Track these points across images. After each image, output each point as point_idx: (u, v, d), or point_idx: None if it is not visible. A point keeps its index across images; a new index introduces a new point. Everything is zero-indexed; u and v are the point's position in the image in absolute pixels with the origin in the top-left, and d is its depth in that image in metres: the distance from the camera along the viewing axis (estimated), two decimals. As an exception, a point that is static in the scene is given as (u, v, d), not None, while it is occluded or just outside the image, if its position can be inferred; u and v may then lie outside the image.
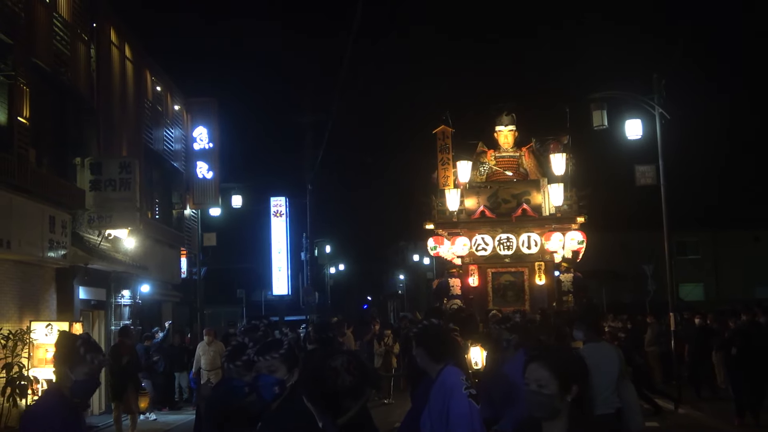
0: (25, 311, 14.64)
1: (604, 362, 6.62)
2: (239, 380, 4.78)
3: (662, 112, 17.73)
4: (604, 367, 6.58)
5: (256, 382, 4.13)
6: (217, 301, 38.24)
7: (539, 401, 3.17)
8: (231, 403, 4.64)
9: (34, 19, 14.82)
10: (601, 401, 6.57)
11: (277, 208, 46.11)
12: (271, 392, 4.04)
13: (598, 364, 6.47)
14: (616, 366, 6.76)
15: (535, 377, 3.19)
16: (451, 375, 4.78)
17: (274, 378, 4.07)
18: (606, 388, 6.61)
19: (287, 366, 4.11)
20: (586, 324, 7.14)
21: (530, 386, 3.19)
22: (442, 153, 19.51)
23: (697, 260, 45.06)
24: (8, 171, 13.45)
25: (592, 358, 6.83)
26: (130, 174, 17.54)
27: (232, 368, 4.94)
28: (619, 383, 6.74)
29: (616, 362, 6.78)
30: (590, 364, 6.74)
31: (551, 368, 3.19)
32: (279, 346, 4.15)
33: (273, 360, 4.09)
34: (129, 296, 20.08)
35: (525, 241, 18.31)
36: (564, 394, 3.17)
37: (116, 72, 19.50)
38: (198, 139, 27.04)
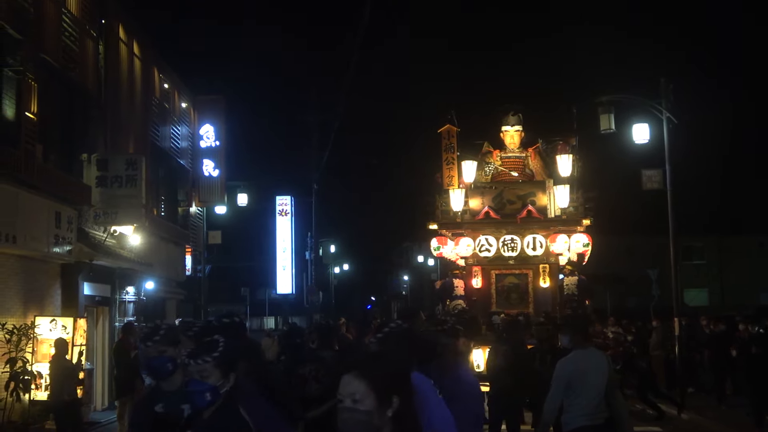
0: (29, 306, 14.66)
1: (592, 369, 6.44)
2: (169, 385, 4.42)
3: (669, 117, 17.70)
4: (592, 375, 6.41)
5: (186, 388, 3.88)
6: (221, 299, 38.28)
7: (355, 419, 2.65)
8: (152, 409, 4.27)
9: (43, 15, 14.85)
10: (590, 411, 6.36)
11: (282, 207, 46.16)
12: (202, 400, 3.77)
13: (585, 371, 6.42)
14: (605, 373, 6.50)
15: (349, 391, 2.69)
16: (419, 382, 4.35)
17: (206, 384, 3.79)
18: (594, 396, 6.38)
19: (222, 371, 3.83)
20: (572, 329, 6.86)
21: (344, 402, 2.68)
22: (447, 152, 19.17)
23: (702, 265, 44.98)
24: (15, 166, 13.47)
25: (580, 365, 6.53)
26: (136, 171, 17.56)
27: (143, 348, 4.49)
28: (608, 391, 6.47)
29: (604, 369, 6.52)
30: (577, 372, 6.50)
31: (367, 379, 2.70)
32: (213, 349, 3.86)
33: (205, 364, 3.80)
34: (133, 293, 20.11)
35: (530, 242, 18.07)
36: (384, 408, 2.68)
37: (124, 69, 19.53)
38: (204, 136, 27.09)
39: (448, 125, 19.27)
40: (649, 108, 18.03)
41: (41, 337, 13.89)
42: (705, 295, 44.66)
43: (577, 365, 6.50)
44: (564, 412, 6.50)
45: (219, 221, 30.48)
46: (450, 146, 19.21)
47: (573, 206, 18.20)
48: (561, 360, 6.66)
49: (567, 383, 6.44)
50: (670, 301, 18.62)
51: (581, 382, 6.40)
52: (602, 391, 6.39)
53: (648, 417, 14.63)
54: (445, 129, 19.34)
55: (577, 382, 6.42)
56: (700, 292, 44.04)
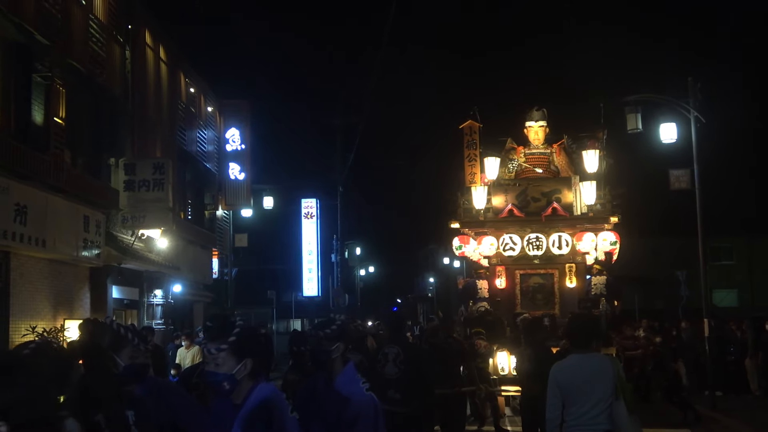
0: (59, 309, 14.80)
1: (591, 376, 5.79)
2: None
3: (698, 116, 17.51)
4: (590, 382, 5.76)
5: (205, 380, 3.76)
6: (248, 302, 38.37)
7: None
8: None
9: (71, 22, 15.01)
10: (585, 421, 5.73)
11: (308, 209, 46.25)
12: (221, 390, 3.65)
13: (582, 377, 5.82)
14: (610, 381, 5.77)
15: None
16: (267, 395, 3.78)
17: (221, 374, 3.63)
18: (594, 406, 5.70)
19: (238, 357, 3.65)
20: (570, 332, 6.28)
21: None
22: (469, 149, 18.59)
23: (731, 266, 44.48)
24: (44, 171, 13.62)
25: (574, 370, 5.84)
26: (163, 175, 17.69)
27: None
28: (612, 401, 5.75)
29: (609, 377, 5.79)
30: (571, 378, 5.85)
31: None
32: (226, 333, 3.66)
33: (219, 352, 3.63)
34: (161, 296, 20.24)
35: (555, 241, 17.38)
36: None
37: (150, 74, 19.68)
38: (230, 140, 27.24)
39: (470, 121, 18.68)
40: (677, 107, 17.83)
41: (71, 340, 14.01)
42: (734, 296, 44.18)
43: (572, 371, 5.90)
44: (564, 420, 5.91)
45: (245, 224, 30.62)
46: (472, 142, 18.65)
47: (600, 203, 17.56)
48: (555, 364, 6.11)
49: (562, 389, 5.85)
50: (699, 303, 18.39)
51: (575, 389, 5.81)
52: (603, 400, 5.71)
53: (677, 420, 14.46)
54: (467, 125, 18.69)
55: (571, 389, 5.83)
56: (730, 292, 43.57)
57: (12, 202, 12.40)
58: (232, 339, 3.63)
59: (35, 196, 13.30)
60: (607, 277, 17.41)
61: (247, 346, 3.69)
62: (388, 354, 7.88)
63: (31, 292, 13.94)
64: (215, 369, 3.64)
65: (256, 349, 3.77)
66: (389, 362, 7.84)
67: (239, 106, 27.73)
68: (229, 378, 3.63)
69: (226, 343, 3.64)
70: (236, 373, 3.64)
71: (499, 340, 15.07)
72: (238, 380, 3.65)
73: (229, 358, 3.64)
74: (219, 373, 3.63)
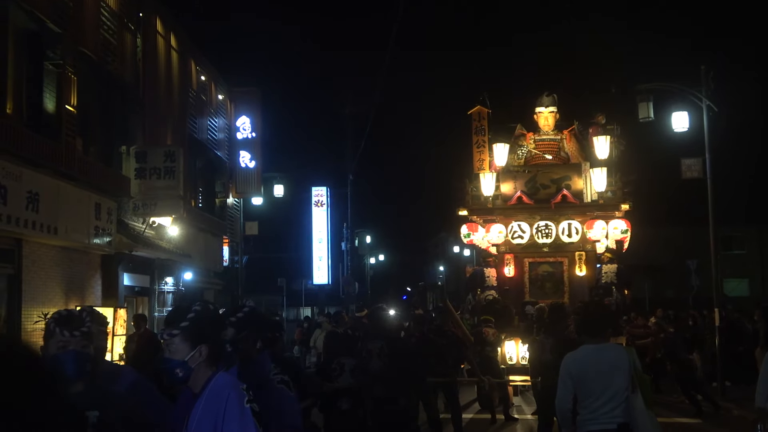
0: (71, 297, 14.88)
1: (605, 367, 5.55)
2: None
3: (710, 105, 17.42)
4: (604, 373, 5.53)
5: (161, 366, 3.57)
6: (258, 290, 38.51)
7: None
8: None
9: (82, 9, 15.02)
10: (599, 414, 5.51)
11: (318, 197, 46.32)
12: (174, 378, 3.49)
13: (599, 369, 5.57)
14: (624, 372, 5.53)
15: None
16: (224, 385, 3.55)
17: (174, 361, 3.47)
18: (610, 399, 5.48)
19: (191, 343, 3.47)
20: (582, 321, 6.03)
21: None
22: (478, 135, 18.29)
23: (742, 255, 44.33)
24: (56, 158, 13.67)
25: (587, 361, 5.62)
26: (174, 162, 17.72)
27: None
28: (629, 394, 5.53)
29: (624, 368, 5.55)
30: (583, 369, 5.61)
31: None
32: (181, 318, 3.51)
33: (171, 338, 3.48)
34: (172, 283, 20.32)
35: (565, 228, 16.99)
36: None
37: (162, 62, 19.69)
38: (241, 128, 27.25)
39: (479, 106, 18.32)
40: (689, 96, 17.75)
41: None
42: (745, 286, 44.03)
43: (586, 362, 5.65)
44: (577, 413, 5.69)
45: (256, 212, 30.67)
46: (481, 128, 18.28)
47: (611, 190, 17.25)
48: (567, 355, 5.89)
49: (575, 381, 5.63)
50: (709, 292, 18.34)
51: (590, 381, 5.57)
52: (618, 392, 5.48)
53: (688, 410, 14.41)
54: (475, 110, 18.43)
55: (585, 380, 5.59)
56: (741, 282, 43.42)
57: (24, 190, 12.45)
58: (184, 324, 3.47)
59: (47, 184, 13.35)
60: (618, 266, 17.25)
61: (202, 331, 3.50)
62: (372, 349, 7.67)
63: (43, 279, 14.02)
64: (169, 355, 3.49)
65: (212, 335, 3.56)
66: (373, 357, 7.63)
67: (250, 94, 27.72)
68: (182, 365, 3.46)
69: (178, 329, 3.47)
70: (189, 360, 3.46)
71: (508, 329, 15.03)
72: (193, 368, 3.47)
73: (182, 344, 3.46)
74: (172, 359, 3.47)
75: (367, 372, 7.58)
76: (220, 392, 3.41)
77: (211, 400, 3.40)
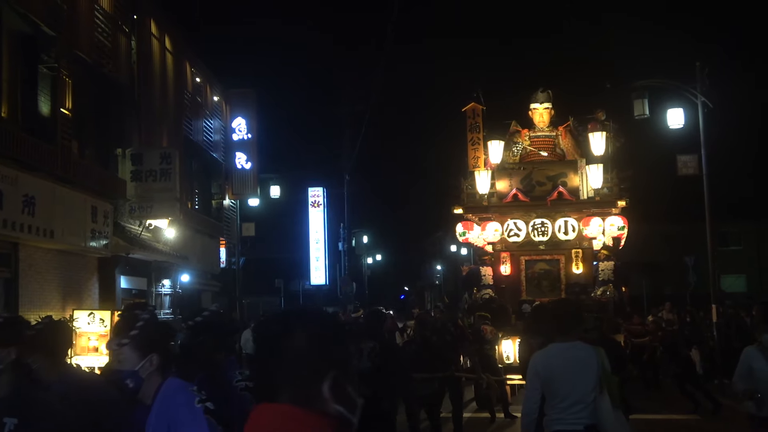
0: (68, 300, 14.85)
1: (575, 367, 5.37)
2: None
3: (705, 101, 17.42)
4: (576, 374, 5.36)
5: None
6: (256, 291, 38.51)
7: None
8: None
9: (76, 12, 15.00)
10: (566, 415, 5.36)
11: (314, 198, 46.29)
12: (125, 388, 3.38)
13: (567, 368, 5.40)
14: (594, 373, 5.36)
15: None
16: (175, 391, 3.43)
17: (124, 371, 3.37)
18: (578, 400, 5.32)
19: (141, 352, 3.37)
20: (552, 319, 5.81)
21: None
22: (472, 132, 17.98)
23: (739, 251, 44.38)
24: (52, 162, 13.64)
25: (553, 360, 5.45)
26: (170, 164, 17.70)
27: None
28: (596, 395, 5.36)
29: (593, 368, 5.37)
30: (555, 369, 5.43)
31: None
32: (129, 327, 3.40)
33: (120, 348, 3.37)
34: (169, 285, 20.29)
35: (561, 226, 16.84)
36: None
37: (156, 64, 19.67)
38: (237, 129, 27.23)
39: (473, 103, 18.08)
40: (684, 93, 17.76)
41: (80, 331, 14.04)
42: (743, 282, 44.09)
43: (553, 361, 5.47)
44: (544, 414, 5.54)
45: (252, 213, 30.65)
46: (475, 125, 18.06)
47: (607, 187, 17.07)
48: (534, 354, 5.78)
49: (542, 381, 5.47)
50: (707, 288, 18.34)
51: (558, 380, 5.41)
52: (585, 393, 5.32)
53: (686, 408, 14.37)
54: (470, 107, 18.21)
55: (552, 380, 5.43)
56: (738, 278, 43.47)
57: (20, 194, 12.43)
58: (133, 333, 3.37)
59: (43, 187, 13.32)
60: (615, 263, 17.21)
61: (152, 340, 3.40)
62: (363, 348, 7.63)
63: (39, 283, 13.99)
64: (119, 366, 3.38)
65: (162, 343, 3.48)
66: (363, 357, 7.58)
67: (245, 95, 27.71)
68: (132, 375, 3.35)
69: (128, 338, 3.36)
70: (140, 370, 3.36)
71: (505, 328, 15.01)
72: (144, 378, 3.37)
73: (131, 353, 3.36)
74: (123, 370, 3.36)
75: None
76: (170, 397, 3.28)
77: (162, 406, 3.28)
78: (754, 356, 6.80)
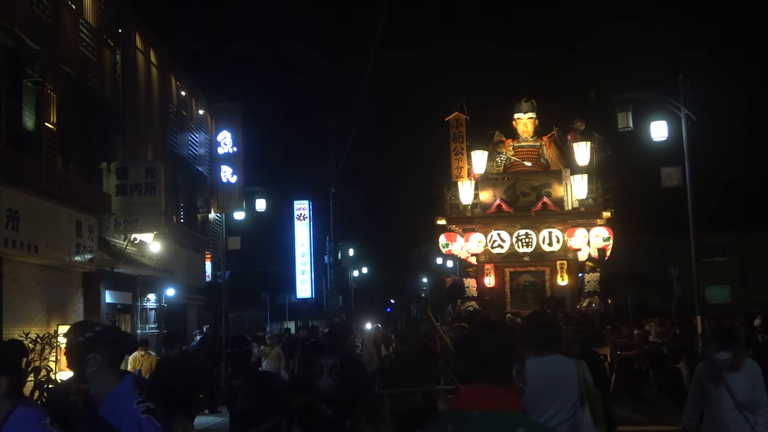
0: (52, 315, 14.76)
1: (554, 381, 5.05)
2: None
3: (688, 114, 17.52)
4: (555, 388, 5.05)
5: None
6: (242, 305, 38.35)
7: None
8: None
9: (61, 26, 14.97)
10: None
11: (300, 211, 46.21)
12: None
13: (545, 383, 4.99)
14: (575, 387, 5.11)
15: None
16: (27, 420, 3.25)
17: None
18: (556, 413, 5.02)
19: None
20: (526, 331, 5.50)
21: None
22: (455, 142, 17.92)
23: (723, 262, 44.63)
24: (36, 176, 13.59)
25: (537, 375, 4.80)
26: (155, 178, 17.65)
27: None
28: (576, 410, 5.09)
29: (573, 382, 5.12)
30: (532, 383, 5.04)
31: None
32: None
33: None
34: (154, 300, 20.18)
35: (546, 237, 16.84)
36: None
37: (141, 77, 19.64)
38: (222, 143, 27.19)
39: (456, 113, 18.12)
40: (667, 105, 17.86)
41: (64, 346, 13.95)
42: (727, 292, 44.32)
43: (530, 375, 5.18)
44: None
45: (238, 227, 30.53)
46: (459, 135, 17.98)
47: (592, 197, 17.07)
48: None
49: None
50: (692, 299, 18.40)
51: (535, 395, 4.86)
52: (564, 406, 5.04)
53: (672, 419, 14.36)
54: (453, 117, 18.14)
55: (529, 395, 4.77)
56: (723, 289, 43.71)
57: (4, 208, 12.35)
58: None
59: (27, 202, 13.25)
60: (601, 275, 17.15)
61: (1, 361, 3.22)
62: (324, 365, 7.28)
63: (24, 298, 13.89)
64: None
65: (13, 365, 3.28)
66: (324, 374, 7.22)
67: (231, 109, 27.68)
68: None
69: None
70: None
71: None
72: None
73: None
74: None
75: (316, 389, 7.23)
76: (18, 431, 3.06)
77: None
78: (706, 375, 6.26)
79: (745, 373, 6.15)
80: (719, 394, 6.14)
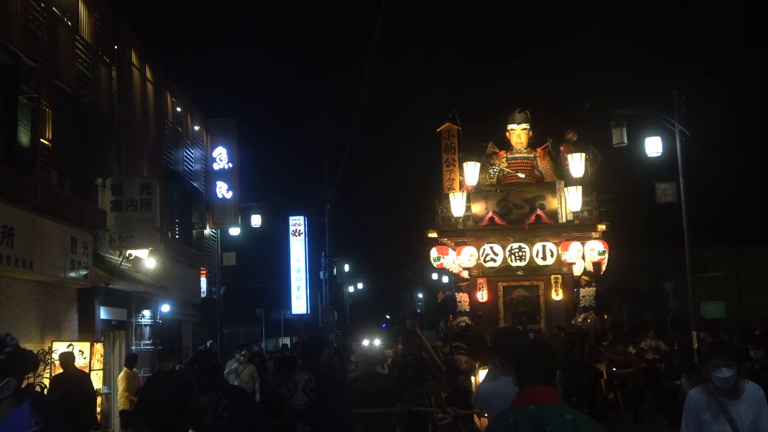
0: (47, 331, 14.69)
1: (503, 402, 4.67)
2: None
3: (682, 129, 17.57)
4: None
5: None
6: (237, 321, 38.24)
7: None
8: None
9: (56, 42, 14.98)
10: None
11: (296, 227, 46.17)
12: None
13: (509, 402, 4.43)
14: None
15: None
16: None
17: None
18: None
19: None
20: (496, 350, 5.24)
21: None
22: (447, 153, 17.69)
23: (718, 277, 44.71)
24: (31, 192, 13.56)
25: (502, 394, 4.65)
26: (150, 194, 17.62)
27: None
28: None
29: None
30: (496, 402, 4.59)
31: None
32: None
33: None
34: (149, 316, 20.11)
35: (539, 251, 16.48)
36: None
37: (137, 93, 19.65)
38: (217, 159, 27.20)
39: (448, 123, 17.87)
40: (662, 121, 17.91)
41: (59, 363, 13.92)
42: (722, 307, 44.36)
43: (494, 394, 5.00)
44: None
45: (233, 243, 30.52)
46: (450, 146, 17.74)
47: (587, 210, 16.83)
48: (478, 387, 5.34)
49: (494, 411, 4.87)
50: (687, 315, 18.38)
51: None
52: None
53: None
54: (444, 128, 17.91)
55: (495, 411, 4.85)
56: (718, 304, 43.75)
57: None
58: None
59: (22, 218, 13.21)
60: (597, 289, 16.94)
61: None
62: (299, 381, 7.14)
63: (18, 315, 13.83)
64: None
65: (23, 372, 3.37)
66: (299, 391, 7.07)
67: (226, 125, 27.72)
68: None
69: None
70: None
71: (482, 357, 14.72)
72: None
73: None
74: None
75: (289, 406, 7.11)
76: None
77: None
78: (701, 404, 5.38)
79: (748, 400, 5.29)
80: (719, 427, 5.28)
